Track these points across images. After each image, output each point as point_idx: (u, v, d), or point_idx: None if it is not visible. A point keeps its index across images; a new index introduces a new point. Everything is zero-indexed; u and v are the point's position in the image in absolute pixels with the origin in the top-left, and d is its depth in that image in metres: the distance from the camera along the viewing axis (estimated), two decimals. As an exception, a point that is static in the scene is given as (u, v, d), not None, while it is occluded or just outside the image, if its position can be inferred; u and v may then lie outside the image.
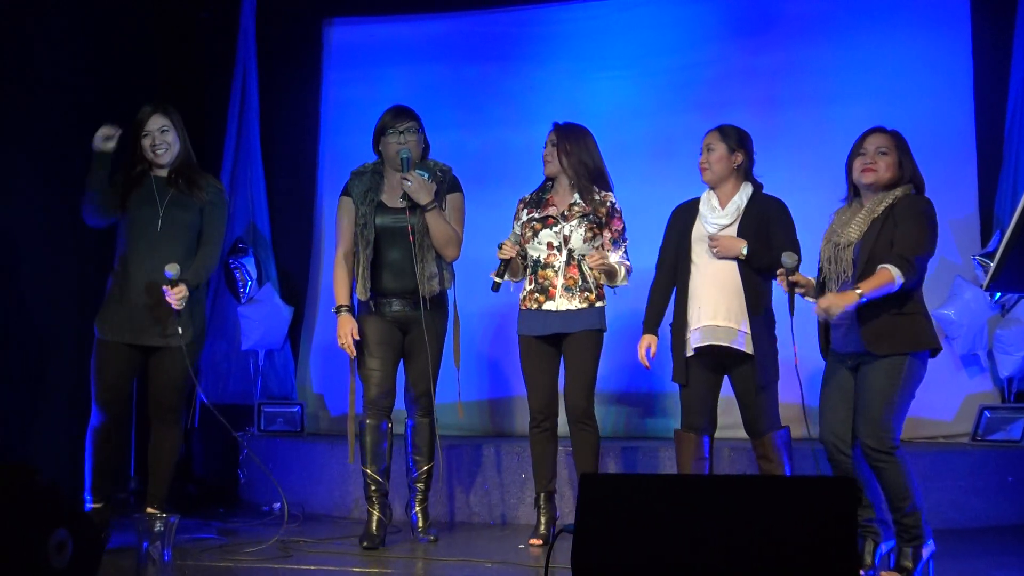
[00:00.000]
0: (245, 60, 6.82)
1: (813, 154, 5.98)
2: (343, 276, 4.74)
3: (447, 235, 4.68)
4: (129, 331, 4.59)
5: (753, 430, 4.39)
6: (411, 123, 4.71)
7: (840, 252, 3.97)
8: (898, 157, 3.98)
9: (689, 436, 4.40)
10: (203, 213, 4.72)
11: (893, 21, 6.21)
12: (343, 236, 4.78)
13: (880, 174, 3.97)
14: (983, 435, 5.55)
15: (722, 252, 4.34)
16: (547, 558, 3.14)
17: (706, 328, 4.32)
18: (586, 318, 4.70)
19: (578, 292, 4.71)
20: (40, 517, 2.89)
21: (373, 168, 4.81)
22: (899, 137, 4.03)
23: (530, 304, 4.77)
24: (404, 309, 4.71)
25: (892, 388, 3.83)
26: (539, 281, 4.76)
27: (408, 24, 7.02)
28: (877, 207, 3.95)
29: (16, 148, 5.24)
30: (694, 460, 4.39)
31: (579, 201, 4.76)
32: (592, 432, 4.73)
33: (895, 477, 3.83)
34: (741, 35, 6.48)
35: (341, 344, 4.69)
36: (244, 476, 6.22)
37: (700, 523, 2.52)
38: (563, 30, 6.76)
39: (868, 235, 3.92)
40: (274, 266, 6.74)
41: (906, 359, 3.85)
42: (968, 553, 4.55)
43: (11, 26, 5.19)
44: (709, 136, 4.46)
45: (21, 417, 5.27)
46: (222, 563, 4.31)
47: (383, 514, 4.72)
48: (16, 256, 5.25)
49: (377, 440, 4.73)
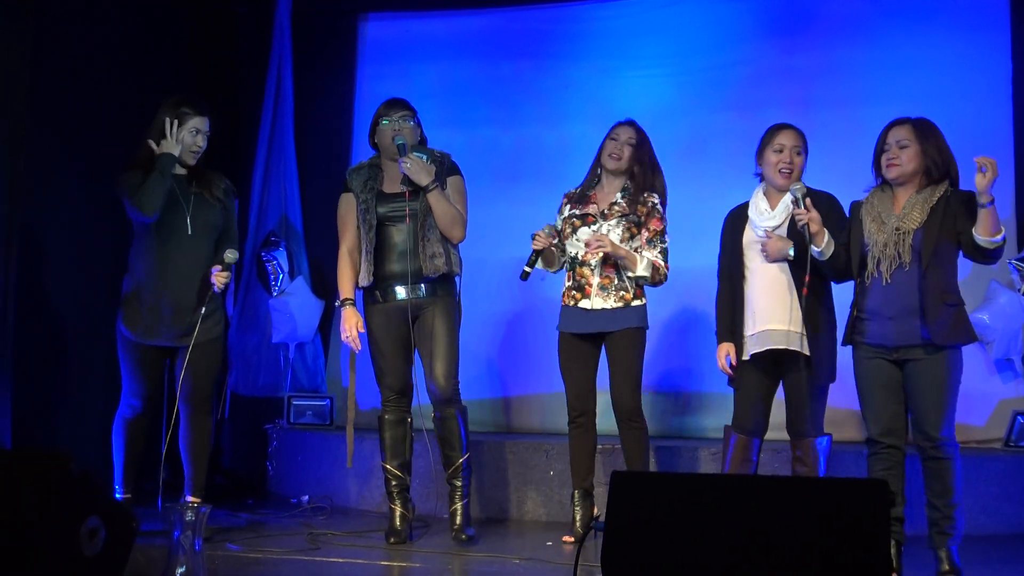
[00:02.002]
0: (280, 55, 6.85)
1: (848, 156, 5.92)
2: (347, 270, 4.73)
3: (451, 215, 4.65)
4: (163, 335, 4.59)
5: (796, 431, 4.37)
6: (405, 112, 4.71)
7: (903, 238, 3.97)
8: (920, 146, 3.97)
9: (740, 438, 4.39)
10: (223, 212, 4.75)
11: (931, 22, 6.15)
12: (346, 231, 4.76)
13: (903, 167, 4.00)
14: (1016, 441, 5.49)
15: (772, 255, 4.32)
16: (577, 555, 3.13)
17: (762, 333, 4.31)
18: (627, 317, 4.67)
19: (613, 291, 4.69)
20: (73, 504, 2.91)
21: (370, 162, 4.82)
22: (922, 125, 4.03)
23: (568, 300, 4.76)
24: (410, 296, 4.65)
25: (953, 380, 3.93)
26: (576, 278, 4.75)
27: (442, 20, 7.02)
28: (932, 195, 3.96)
29: (56, 141, 5.29)
30: (741, 462, 4.39)
31: (620, 201, 4.75)
32: (641, 431, 4.70)
33: (952, 470, 3.92)
34: (776, 35, 6.44)
35: (345, 338, 4.67)
36: (273, 468, 6.25)
37: (731, 524, 2.51)
38: (597, 27, 6.74)
39: (930, 224, 3.93)
40: (306, 260, 6.77)
41: (959, 351, 3.95)
42: (999, 559, 4.51)
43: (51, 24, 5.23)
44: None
45: (53, 406, 5.32)
46: (251, 554, 4.34)
47: (406, 509, 4.73)
48: (48, 248, 5.30)
49: (396, 435, 4.73)
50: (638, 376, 4.71)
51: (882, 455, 4.05)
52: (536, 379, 6.43)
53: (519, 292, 6.44)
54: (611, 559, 2.58)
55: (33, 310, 5.13)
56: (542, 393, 6.41)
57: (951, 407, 3.94)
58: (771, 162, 4.37)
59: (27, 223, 5.03)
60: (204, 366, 4.66)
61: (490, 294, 6.43)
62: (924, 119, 4.06)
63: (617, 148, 4.77)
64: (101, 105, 5.60)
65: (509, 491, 5.56)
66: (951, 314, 3.92)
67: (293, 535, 4.80)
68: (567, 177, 4.97)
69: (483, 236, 6.08)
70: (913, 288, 3.95)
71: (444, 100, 5.59)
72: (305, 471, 6.01)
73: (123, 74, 5.76)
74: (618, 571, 2.56)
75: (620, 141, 4.78)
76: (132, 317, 4.60)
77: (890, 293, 3.99)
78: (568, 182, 4.95)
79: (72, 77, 5.42)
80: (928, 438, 3.93)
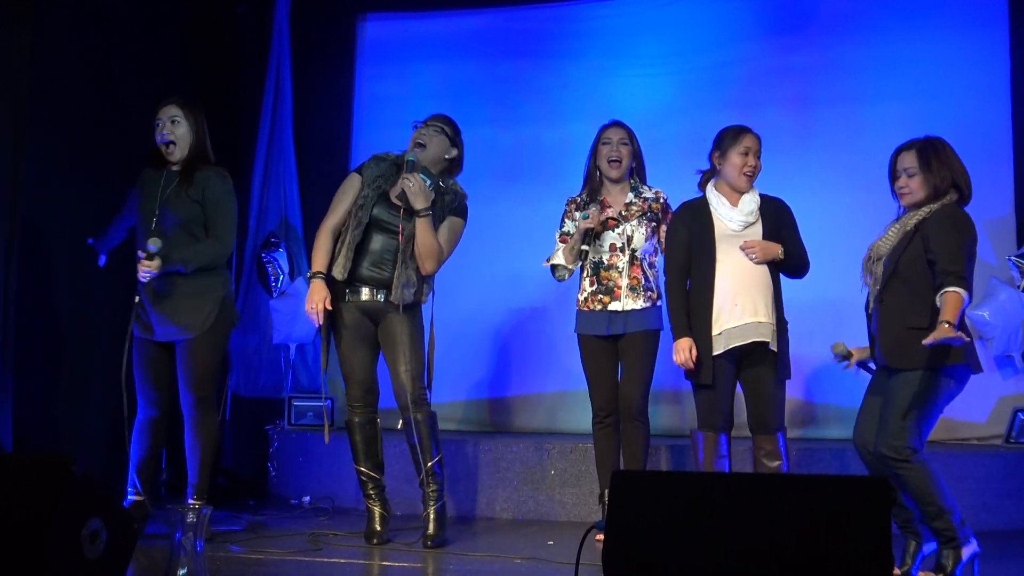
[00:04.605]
0: (279, 55, 6.85)
1: (846, 154, 5.95)
2: (325, 247, 4.61)
3: (431, 247, 4.54)
4: (153, 331, 4.62)
5: (763, 426, 4.39)
6: (441, 124, 4.67)
7: (873, 266, 3.99)
8: (924, 174, 3.94)
9: (709, 435, 4.40)
10: (204, 206, 4.64)
11: (929, 19, 6.16)
12: (337, 209, 4.65)
13: (914, 195, 3.99)
14: (1016, 437, 5.50)
15: (760, 258, 4.35)
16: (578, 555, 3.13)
17: (745, 326, 4.32)
18: (647, 318, 4.72)
19: (642, 292, 4.73)
20: (74, 507, 2.91)
21: (394, 159, 4.74)
22: (925, 150, 3.96)
23: (593, 305, 4.77)
24: (374, 298, 4.60)
25: (906, 400, 3.81)
26: (603, 282, 4.76)
27: (441, 20, 7.03)
28: (909, 221, 3.96)
29: (55, 141, 5.29)
30: (715, 459, 4.39)
31: (635, 200, 4.77)
32: (643, 429, 4.75)
33: (916, 482, 3.81)
34: (774, 33, 6.45)
35: (308, 310, 4.54)
36: (274, 469, 6.25)
37: (731, 522, 2.51)
38: (596, 27, 6.75)
39: (896, 248, 3.93)
40: (306, 260, 6.76)
41: (924, 373, 3.80)
42: (1001, 556, 4.51)
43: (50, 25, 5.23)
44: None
45: (53, 407, 5.32)
46: (253, 555, 4.34)
47: (384, 509, 4.71)
48: (49, 248, 5.29)
49: (366, 436, 4.70)
50: (650, 377, 4.76)
51: (865, 460, 4.04)
52: (534, 378, 6.44)
53: (516, 291, 6.45)
54: (612, 558, 2.58)
55: (33, 311, 5.12)
56: (541, 392, 6.42)
57: (901, 425, 3.79)
58: (736, 164, 4.43)
59: (27, 223, 5.03)
60: (190, 368, 4.61)
61: (487, 293, 6.44)
62: (929, 141, 3.98)
63: (614, 152, 4.79)
64: (101, 105, 5.60)
65: (510, 490, 5.56)
66: (906, 338, 3.81)
67: (294, 536, 4.81)
68: (567, 176, 4.98)
69: (483, 235, 6.10)
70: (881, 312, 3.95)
71: (443, 100, 5.59)
72: (306, 472, 6.01)
73: (122, 75, 5.75)
74: (619, 569, 2.57)
75: (614, 143, 4.80)
76: (136, 313, 4.65)
77: (875, 316, 4.01)
78: (568, 181, 4.95)
79: (71, 78, 5.42)
80: (879, 451, 3.87)
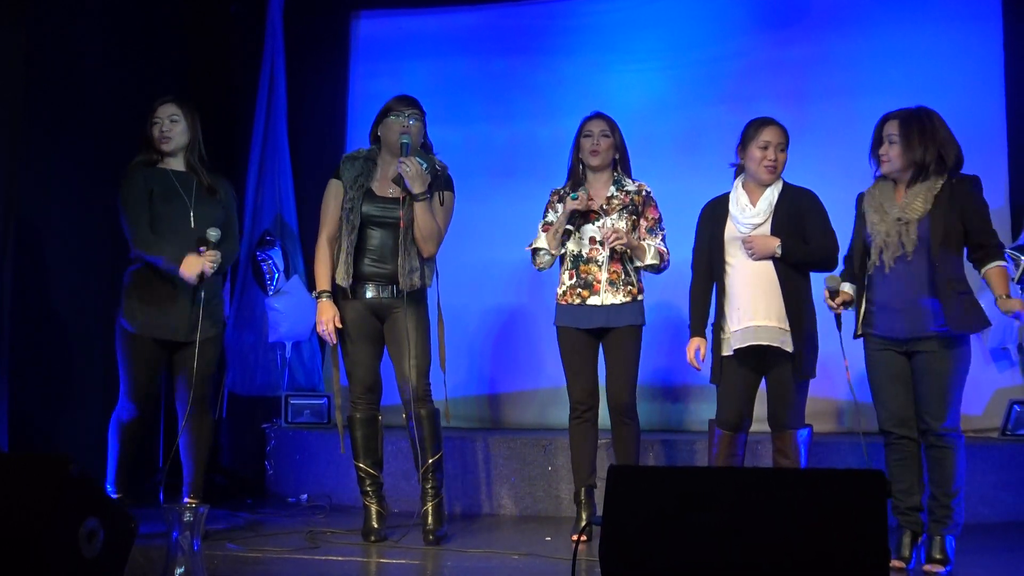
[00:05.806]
0: (273, 53, 6.82)
1: (842, 147, 5.94)
2: (325, 261, 4.62)
3: (431, 229, 4.55)
4: (163, 327, 4.61)
5: (777, 424, 4.38)
6: (416, 111, 4.64)
7: (905, 227, 3.98)
8: (905, 142, 3.98)
9: (725, 434, 4.39)
10: (225, 211, 4.76)
11: (923, 12, 6.16)
12: (328, 220, 4.65)
13: (892, 163, 4.06)
14: (1013, 430, 5.51)
15: (757, 254, 4.32)
16: (575, 551, 3.14)
17: (747, 329, 4.30)
18: (628, 313, 4.68)
19: (622, 286, 4.69)
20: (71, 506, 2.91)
21: (367, 155, 4.71)
22: (908, 120, 4.03)
23: (572, 299, 4.73)
24: (379, 295, 4.60)
25: (959, 371, 3.97)
26: (582, 276, 4.72)
27: (434, 17, 7.02)
28: (936, 184, 3.98)
29: (50, 141, 5.28)
30: (727, 457, 4.39)
31: (616, 193, 4.75)
32: (634, 427, 4.72)
33: (956, 460, 3.94)
34: (769, 28, 6.45)
35: (320, 331, 4.59)
36: (271, 467, 6.25)
37: (728, 516, 2.52)
38: (590, 22, 6.75)
39: (935, 213, 3.95)
40: (301, 258, 6.75)
41: (967, 343, 4.00)
42: (996, 548, 4.53)
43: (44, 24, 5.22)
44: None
45: (49, 407, 5.31)
46: (250, 553, 4.33)
47: (381, 506, 4.70)
48: (45, 247, 5.29)
49: (367, 433, 4.69)
50: (635, 373, 4.72)
51: (895, 446, 4.09)
52: (530, 375, 6.44)
53: (511, 288, 6.45)
54: (610, 553, 2.58)
55: (30, 310, 5.12)
56: (537, 389, 6.42)
57: (955, 398, 3.97)
58: (756, 158, 4.37)
59: (23, 222, 5.02)
60: (203, 363, 4.65)
61: (483, 290, 6.44)
62: (914, 112, 4.05)
63: (594, 143, 4.77)
64: (95, 104, 5.59)
65: (509, 487, 5.56)
66: (962, 302, 3.95)
67: (292, 534, 4.80)
68: (561, 172, 4.96)
69: (478, 231, 6.09)
70: (922, 279, 3.98)
71: (437, 97, 5.58)
72: (303, 470, 6.01)
73: (116, 73, 5.75)
74: (616, 565, 2.57)
75: (595, 135, 4.78)
76: (133, 309, 4.62)
77: (898, 285, 4.01)
78: (562, 177, 4.94)
79: (66, 76, 5.41)
80: (932, 427, 3.95)
